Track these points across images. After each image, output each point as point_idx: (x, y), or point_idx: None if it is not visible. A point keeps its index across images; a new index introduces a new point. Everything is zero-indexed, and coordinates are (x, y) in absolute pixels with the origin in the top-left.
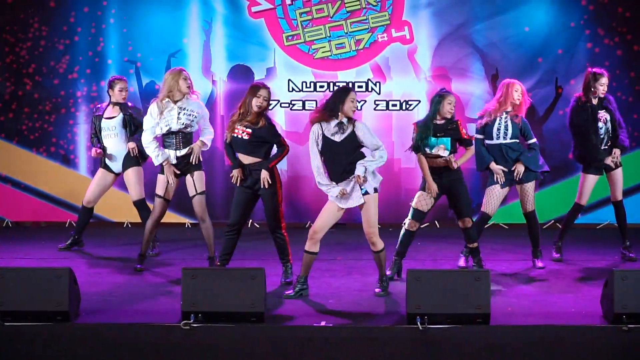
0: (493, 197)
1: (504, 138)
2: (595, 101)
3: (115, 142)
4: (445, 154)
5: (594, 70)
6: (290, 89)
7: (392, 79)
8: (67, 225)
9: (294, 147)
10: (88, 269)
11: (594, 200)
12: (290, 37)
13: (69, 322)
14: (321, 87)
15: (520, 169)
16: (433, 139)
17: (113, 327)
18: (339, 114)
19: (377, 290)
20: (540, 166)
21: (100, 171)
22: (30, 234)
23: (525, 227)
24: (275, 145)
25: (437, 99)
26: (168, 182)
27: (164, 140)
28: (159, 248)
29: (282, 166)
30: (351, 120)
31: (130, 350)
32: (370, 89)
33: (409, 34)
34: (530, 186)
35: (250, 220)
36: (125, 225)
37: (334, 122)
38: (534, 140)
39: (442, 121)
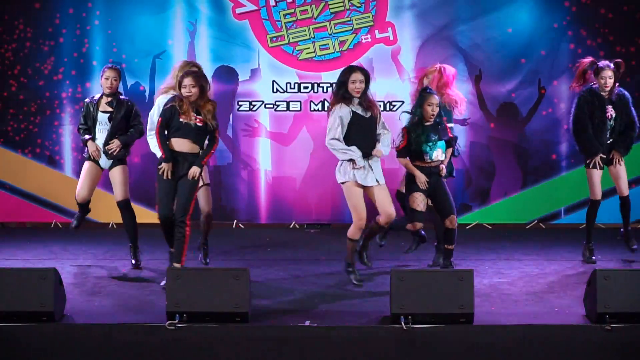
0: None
1: None
2: (605, 95)
3: (105, 137)
4: (442, 157)
5: (598, 63)
6: (275, 90)
7: (376, 79)
8: (52, 226)
9: (278, 148)
10: (73, 269)
11: (576, 200)
12: (274, 39)
13: (54, 323)
14: (305, 88)
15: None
16: (431, 144)
17: (98, 327)
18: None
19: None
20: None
21: (89, 164)
22: (16, 234)
23: (509, 227)
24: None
25: (419, 101)
26: None
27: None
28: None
29: (266, 167)
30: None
31: (115, 351)
32: None
33: (393, 35)
34: None
35: (235, 221)
36: (110, 226)
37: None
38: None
39: (431, 122)
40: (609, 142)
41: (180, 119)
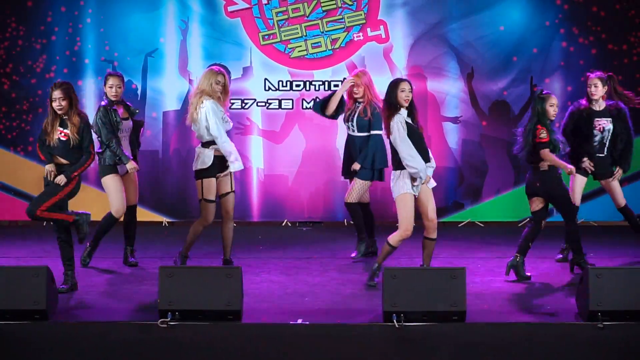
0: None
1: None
2: (596, 107)
3: (126, 145)
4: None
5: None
6: (267, 88)
7: None
8: (44, 224)
9: (270, 146)
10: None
11: None
12: (266, 37)
13: (47, 321)
14: (297, 86)
15: (356, 167)
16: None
17: (90, 325)
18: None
19: None
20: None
21: (115, 178)
22: (8, 232)
23: (501, 225)
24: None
25: (539, 103)
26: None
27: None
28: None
29: (258, 165)
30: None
31: (107, 349)
32: None
33: (385, 33)
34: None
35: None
36: None
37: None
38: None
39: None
40: (601, 155)
41: (48, 141)
